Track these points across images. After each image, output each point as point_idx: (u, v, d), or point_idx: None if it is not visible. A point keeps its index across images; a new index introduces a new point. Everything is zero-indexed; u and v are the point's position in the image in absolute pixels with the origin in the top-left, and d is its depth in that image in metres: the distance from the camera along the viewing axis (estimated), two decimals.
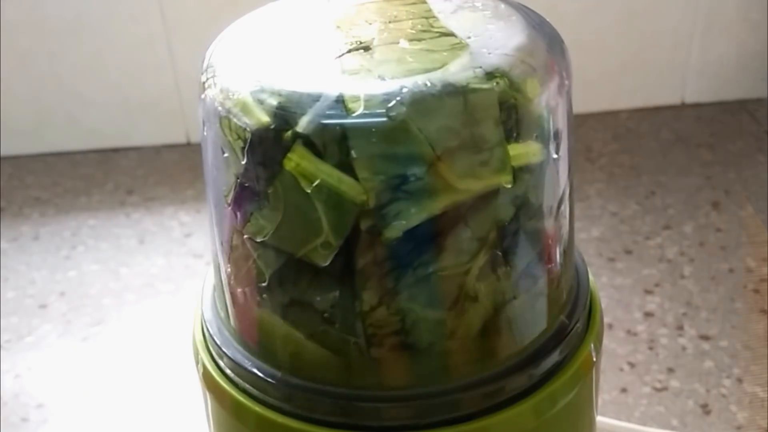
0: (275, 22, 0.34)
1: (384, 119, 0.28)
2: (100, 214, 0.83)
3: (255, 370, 0.32)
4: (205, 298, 0.36)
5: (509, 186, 0.30)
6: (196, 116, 0.33)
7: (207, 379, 0.34)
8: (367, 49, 0.31)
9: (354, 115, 0.28)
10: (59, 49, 0.88)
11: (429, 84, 0.28)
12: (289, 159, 0.29)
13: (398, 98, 0.28)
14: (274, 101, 0.29)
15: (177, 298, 0.71)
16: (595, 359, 0.34)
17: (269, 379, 0.31)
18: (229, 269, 0.33)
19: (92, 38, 0.88)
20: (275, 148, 0.29)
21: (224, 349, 0.33)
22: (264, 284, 0.31)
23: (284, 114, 0.29)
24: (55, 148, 0.93)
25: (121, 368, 0.64)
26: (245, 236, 0.31)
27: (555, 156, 0.32)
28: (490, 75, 0.29)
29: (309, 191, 0.28)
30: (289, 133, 0.28)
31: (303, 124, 0.28)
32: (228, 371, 0.33)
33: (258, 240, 0.31)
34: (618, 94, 0.95)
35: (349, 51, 0.31)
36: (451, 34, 0.31)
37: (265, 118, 0.29)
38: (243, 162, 0.30)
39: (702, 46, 0.92)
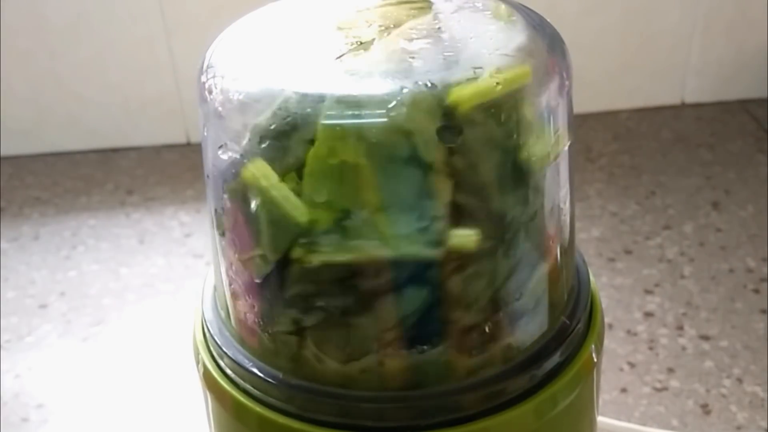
0: (275, 23, 0.34)
1: (384, 120, 0.28)
2: (100, 214, 0.83)
3: (256, 371, 0.32)
4: (205, 298, 0.36)
5: (436, 260, 0.29)
6: (196, 116, 0.33)
7: (208, 380, 0.34)
8: (367, 49, 0.31)
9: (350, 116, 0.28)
10: (59, 49, 0.88)
11: (426, 85, 0.28)
12: (246, 168, 0.29)
13: (399, 98, 0.28)
14: (273, 101, 0.29)
15: (177, 298, 0.71)
16: (596, 360, 0.34)
17: (270, 380, 0.31)
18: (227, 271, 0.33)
19: (92, 38, 0.88)
20: (273, 148, 0.29)
21: (225, 350, 0.33)
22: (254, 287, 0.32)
23: (283, 114, 0.29)
24: (55, 148, 0.93)
25: (121, 368, 0.64)
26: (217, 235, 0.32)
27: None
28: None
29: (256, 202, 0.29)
30: (287, 132, 0.28)
31: (301, 124, 0.28)
32: (229, 371, 0.33)
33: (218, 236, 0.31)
34: (618, 94, 0.95)
35: (350, 51, 0.31)
36: (452, 35, 0.31)
37: (265, 119, 0.29)
38: (239, 161, 0.30)
39: (702, 46, 0.92)
